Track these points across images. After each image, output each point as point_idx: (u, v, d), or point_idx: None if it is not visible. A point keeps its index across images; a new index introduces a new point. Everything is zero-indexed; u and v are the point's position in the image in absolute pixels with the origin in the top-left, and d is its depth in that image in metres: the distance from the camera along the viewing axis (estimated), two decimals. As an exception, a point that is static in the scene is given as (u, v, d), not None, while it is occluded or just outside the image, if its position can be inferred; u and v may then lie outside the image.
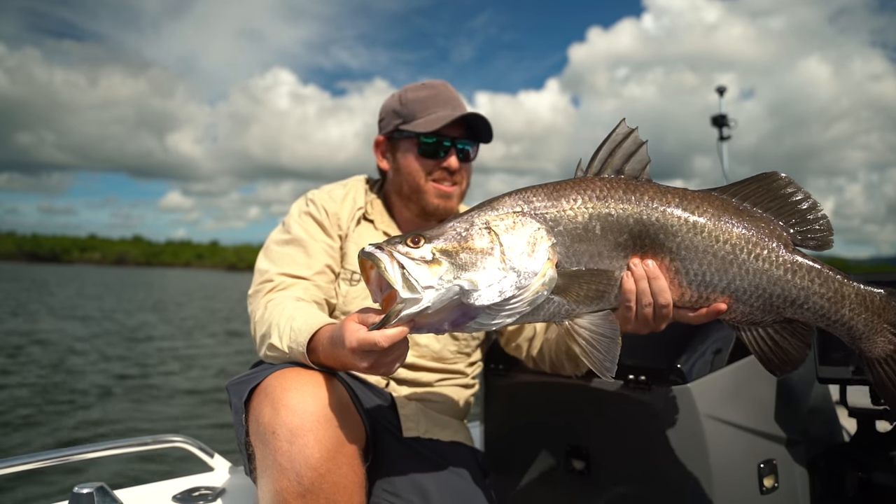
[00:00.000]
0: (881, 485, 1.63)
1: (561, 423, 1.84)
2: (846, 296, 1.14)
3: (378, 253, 1.06)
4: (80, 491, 1.53)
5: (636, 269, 1.14)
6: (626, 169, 1.17)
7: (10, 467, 1.64)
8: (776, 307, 1.15)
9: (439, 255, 1.07)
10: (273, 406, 1.28)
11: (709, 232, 1.13)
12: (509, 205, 1.14)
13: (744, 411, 1.61)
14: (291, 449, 1.23)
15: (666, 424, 1.57)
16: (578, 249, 1.13)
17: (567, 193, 1.14)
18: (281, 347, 1.42)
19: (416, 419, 1.71)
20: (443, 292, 1.04)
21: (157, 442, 1.94)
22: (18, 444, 6.02)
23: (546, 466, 1.87)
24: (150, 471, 4.89)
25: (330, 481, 1.25)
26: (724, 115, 5.32)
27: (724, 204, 1.16)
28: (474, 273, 1.06)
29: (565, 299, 1.13)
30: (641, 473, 1.66)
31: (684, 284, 1.16)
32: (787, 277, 1.14)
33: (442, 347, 1.83)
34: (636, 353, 1.66)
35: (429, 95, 1.85)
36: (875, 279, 1.59)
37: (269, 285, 1.67)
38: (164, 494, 1.86)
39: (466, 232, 1.10)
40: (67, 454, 1.75)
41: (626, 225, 1.13)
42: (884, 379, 1.16)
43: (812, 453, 1.75)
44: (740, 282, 1.14)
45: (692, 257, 1.14)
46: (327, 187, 1.92)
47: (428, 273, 1.05)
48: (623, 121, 1.17)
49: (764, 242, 1.14)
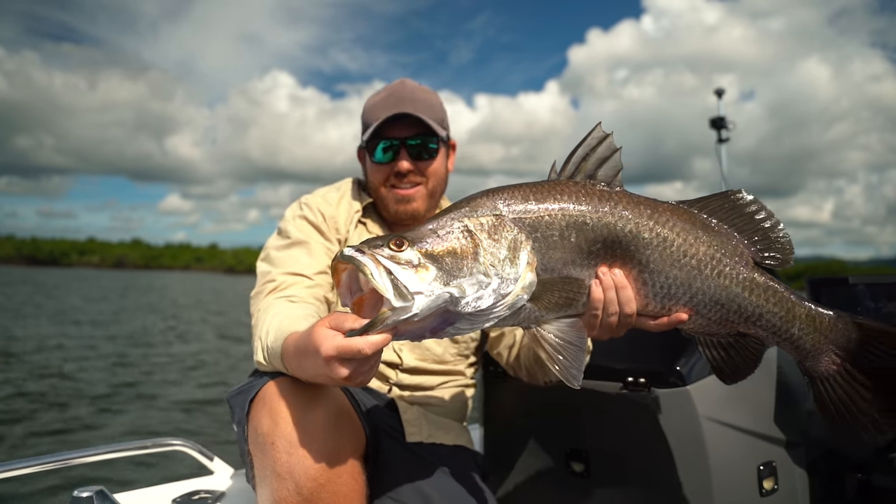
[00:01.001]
0: (880, 487, 1.63)
1: (560, 426, 1.84)
2: (797, 315, 1.17)
3: (360, 257, 1.01)
4: (80, 495, 1.54)
5: (605, 278, 1.14)
6: (599, 174, 1.17)
7: (10, 471, 1.64)
8: (731, 321, 1.18)
9: (425, 260, 1.03)
10: (271, 416, 1.27)
11: (678, 246, 1.14)
12: (489, 207, 1.11)
13: (743, 413, 1.61)
14: (290, 460, 1.23)
15: (665, 427, 1.57)
16: (553, 256, 1.12)
17: (544, 197, 1.13)
18: (264, 364, 1.40)
19: (419, 424, 1.70)
20: (433, 299, 1.01)
21: (157, 445, 1.94)
22: (18, 447, 6.01)
23: (545, 469, 1.86)
24: (150, 474, 4.89)
25: (329, 490, 1.24)
26: (722, 118, 5.33)
27: (692, 218, 1.18)
28: (461, 279, 1.03)
29: (536, 306, 1.11)
30: (641, 476, 1.66)
31: (649, 296, 1.17)
32: (744, 295, 1.16)
33: (444, 351, 1.82)
34: (635, 356, 1.66)
35: (380, 99, 1.81)
36: (874, 281, 1.60)
37: (271, 285, 1.63)
38: (164, 498, 1.86)
39: (448, 235, 1.07)
40: (67, 458, 1.75)
41: (599, 235, 1.13)
42: (824, 396, 1.20)
43: (812, 455, 1.75)
44: (702, 296, 1.16)
45: (660, 269, 1.15)
46: (321, 191, 1.90)
47: (416, 279, 1.01)
48: (599, 125, 1.16)
49: (727, 259, 1.16)
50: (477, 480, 1.69)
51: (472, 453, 1.81)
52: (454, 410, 1.86)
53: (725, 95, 5.19)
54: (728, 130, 5.37)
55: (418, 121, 1.74)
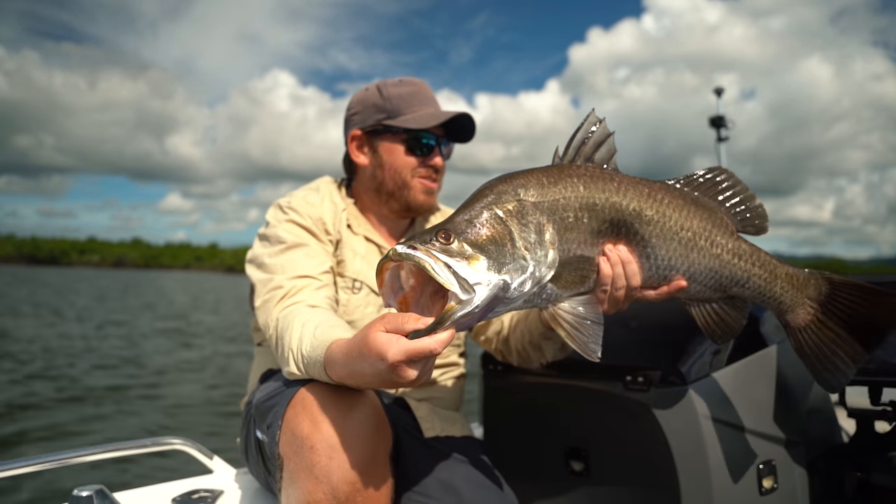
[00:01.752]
0: (880, 485, 1.63)
1: (560, 425, 1.84)
2: (778, 276, 1.32)
3: (417, 253, 1.01)
4: (79, 494, 1.53)
5: (612, 254, 1.22)
6: (596, 157, 1.25)
7: (9, 470, 1.64)
8: (724, 286, 1.31)
9: (473, 250, 1.05)
10: (312, 420, 1.27)
11: (675, 220, 1.26)
12: (511, 193, 1.15)
13: (743, 412, 1.61)
14: (330, 464, 1.23)
15: (665, 426, 1.57)
16: (569, 237, 1.19)
17: (555, 182, 1.19)
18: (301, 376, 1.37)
19: (431, 419, 1.74)
20: (490, 288, 1.03)
21: (157, 444, 1.94)
22: (17, 446, 6.01)
23: (545, 468, 1.87)
24: (150, 473, 4.89)
25: (364, 494, 1.25)
26: (721, 117, 5.34)
27: (683, 195, 1.29)
28: (508, 265, 1.07)
29: (556, 285, 1.17)
30: (640, 475, 1.66)
31: (652, 269, 1.27)
32: (734, 261, 1.30)
33: None
34: (635, 355, 1.66)
35: (411, 92, 1.84)
36: (874, 280, 1.60)
37: (280, 292, 1.56)
38: (163, 497, 1.86)
39: (484, 224, 1.10)
40: (67, 457, 1.75)
41: (608, 214, 1.22)
42: (802, 343, 1.35)
43: (811, 454, 1.75)
44: (698, 265, 1.28)
45: (661, 244, 1.25)
46: (299, 193, 1.84)
47: (472, 270, 1.02)
48: (593, 111, 1.24)
49: (717, 229, 1.29)
50: (492, 467, 1.72)
51: (480, 442, 1.86)
52: (454, 400, 1.91)
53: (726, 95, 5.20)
54: (727, 129, 5.38)
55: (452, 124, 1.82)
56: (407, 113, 1.81)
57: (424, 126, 1.77)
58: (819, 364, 1.33)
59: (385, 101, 1.83)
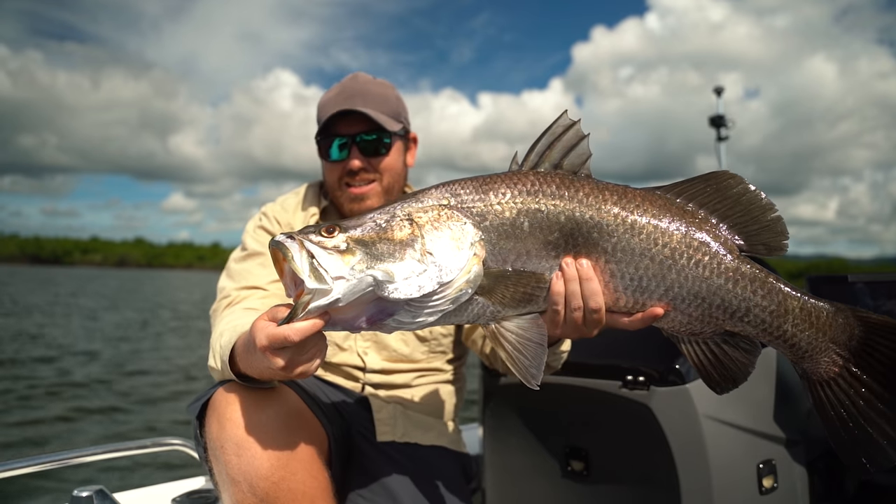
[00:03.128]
0: (880, 485, 1.64)
1: (560, 425, 1.84)
2: (789, 309, 1.06)
3: (287, 242, 0.99)
4: (79, 494, 1.54)
5: (568, 269, 1.07)
6: (565, 163, 1.10)
7: (9, 470, 1.64)
8: (716, 318, 1.08)
9: (353, 245, 1.00)
10: (219, 420, 1.27)
11: (647, 233, 1.06)
12: (435, 197, 1.08)
13: (743, 412, 1.61)
14: (240, 461, 1.23)
15: (665, 425, 1.57)
16: (505, 247, 1.06)
17: (496, 187, 1.07)
18: (216, 367, 1.38)
19: (393, 423, 1.68)
20: (354, 283, 0.97)
21: (157, 445, 1.94)
22: (18, 446, 6.01)
23: (545, 468, 1.86)
24: (150, 474, 4.89)
25: (285, 489, 1.23)
26: (721, 116, 5.34)
27: (666, 204, 1.08)
28: (390, 264, 0.99)
29: (490, 301, 1.06)
30: (640, 474, 1.66)
31: (619, 289, 1.08)
32: (727, 287, 1.06)
33: (412, 350, 1.79)
34: (635, 354, 1.66)
35: (330, 97, 1.76)
36: (874, 279, 1.60)
37: (227, 301, 1.63)
38: (163, 497, 1.87)
39: (387, 223, 1.03)
40: (67, 457, 1.75)
41: (556, 222, 1.06)
42: (824, 402, 1.08)
43: (811, 453, 1.75)
44: (679, 289, 1.06)
45: (628, 260, 1.06)
46: (281, 198, 1.87)
47: (340, 263, 0.98)
48: (565, 112, 1.09)
49: (706, 247, 1.06)
50: (453, 482, 1.66)
51: (455, 454, 1.77)
52: (435, 407, 1.83)
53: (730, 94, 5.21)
54: (727, 129, 5.38)
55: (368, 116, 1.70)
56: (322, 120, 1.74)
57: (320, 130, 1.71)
58: (847, 434, 1.05)
59: (318, 111, 1.79)
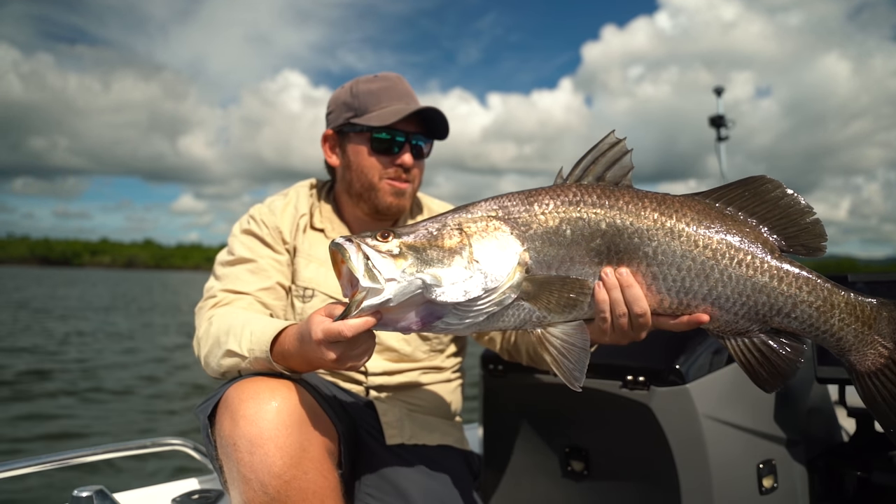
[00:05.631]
0: (880, 484, 1.64)
1: (560, 425, 1.84)
2: (835, 305, 1.10)
3: (346, 244, 1.07)
4: (79, 494, 1.54)
5: (608, 278, 1.12)
6: (608, 176, 1.16)
7: (9, 470, 1.64)
8: (762, 316, 1.12)
9: (405, 250, 1.07)
10: (232, 418, 1.27)
11: (687, 236, 1.11)
12: (484, 209, 1.14)
13: (743, 412, 1.61)
14: (252, 459, 1.22)
15: (665, 425, 1.57)
16: (549, 254, 1.12)
17: (541, 198, 1.14)
18: (240, 352, 1.39)
19: (400, 426, 1.68)
20: (404, 285, 1.04)
21: (157, 445, 1.94)
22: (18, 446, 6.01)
23: (545, 467, 1.86)
24: (150, 474, 4.89)
25: (296, 488, 1.23)
26: (721, 116, 5.35)
27: (705, 208, 1.14)
28: (439, 269, 1.06)
29: (536, 306, 1.12)
30: (640, 474, 1.66)
31: (663, 291, 1.13)
32: (772, 284, 1.10)
33: (413, 349, 1.79)
34: (635, 354, 1.66)
35: (382, 88, 1.75)
36: (874, 279, 1.60)
37: (212, 301, 1.63)
38: (163, 498, 1.87)
39: (438, 231, 1.11)
40: (67, 457, 1.75)
41: (598, 229, 1.12)
42: (874, 394, 1.12)
43: (811, 453, 1.75)
44: (723, 288, 1.11)
45: (670, 262, 1.11)
46: (269, 199, 1.85)
47: (392, 265, 1.05)
48: (612, 132, 1.16)
49: (748, 248, 1.11)
50: (461, 480, 1.67)
51: (461, 453, 1.79)
52: (439, 407, 1.84)
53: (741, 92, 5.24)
54: (727, 129, 5.39)
55: (422, 119, 1.74)
56: (373, 110, 1.73)
57: (385, 123, 1.69)
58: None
59: (353, 98, 1.76)
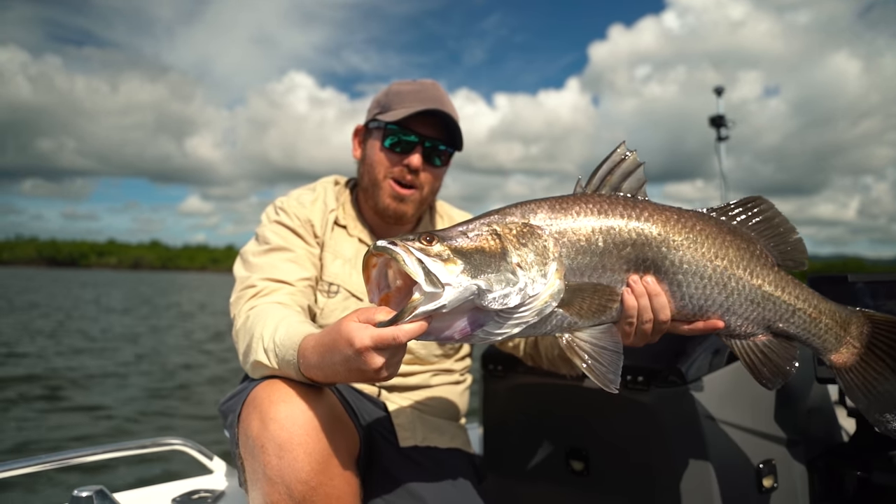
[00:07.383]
0: (880, 484, 1.63)
1: (560, 425, 1.84)
2: (823, 311, 1.26)
3: (393, 247, 1.03)
4: (79, 494, 1.53)
5: (637, 286, 1.17)
6: (624, 187, 1.22)
7: (9, 470, 1.64)
8: (767, 321, 1.24)
9: (454, 255, 1.05)
10: (261, 419, 1.25)
11: (708, 247, 1.20)
12: (518, 215, 1.15)
13: (743, 412, 1.61)
14: (281, 463, 1.21)
15: (665, 425, 1.57)
16: (582, 262, 1.15)
17: (570, 207, 1.17)
18: (269, 364, 1.35)
19: (412, 428, 1.69)
20: (461, 290, 1.02)
21: (157, 445, 1.94)
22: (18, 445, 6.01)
23: (545, 468, 1.86)
24: (150, 474, 4.89)
25: (322, 494, 1.23)
26: (721, 116, 5.35)
27: (718, 223, 1.24)
28: (490, 274, 1.05)
29: (568, 313, 1.14)
30: (641, 474, 1.65)
31: (685, 298, 1.21)
32: (776, 294, 1.23)
33: (428, 352, 1.80)
34: (635, 354, 1.65)
35: (412, 90, 1.76)
36: (873, 279, 1.60)
37: (252, 291, 1.58)
38: (163, 497, 1.87)
39: (477, 236, 1.10)
40: (67, 457, 1.75)
41: (628, 239, 1.17)
42: (851, 385, 1.27)
43: (811, 453, 1.75)
44: (737, 297, 1.22)
45: (693, 271, 1.20)
46: (296, 192, 1.84)
47: (445, 270, 1.03)
48: (623, 143, 1.22)
49: (757, 261, 1.23)
50: (470, 483, 1.68)
51: (468, 456, 1.80)
52: (448, 409, 1.84)
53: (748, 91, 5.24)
54: (727, 129, 5.39)
55: (443, 126, 1.73)
56: (397, 108, 1.72)
57: (396, 119, 1.68)
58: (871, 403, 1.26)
59: (385, 96, 1.78)
